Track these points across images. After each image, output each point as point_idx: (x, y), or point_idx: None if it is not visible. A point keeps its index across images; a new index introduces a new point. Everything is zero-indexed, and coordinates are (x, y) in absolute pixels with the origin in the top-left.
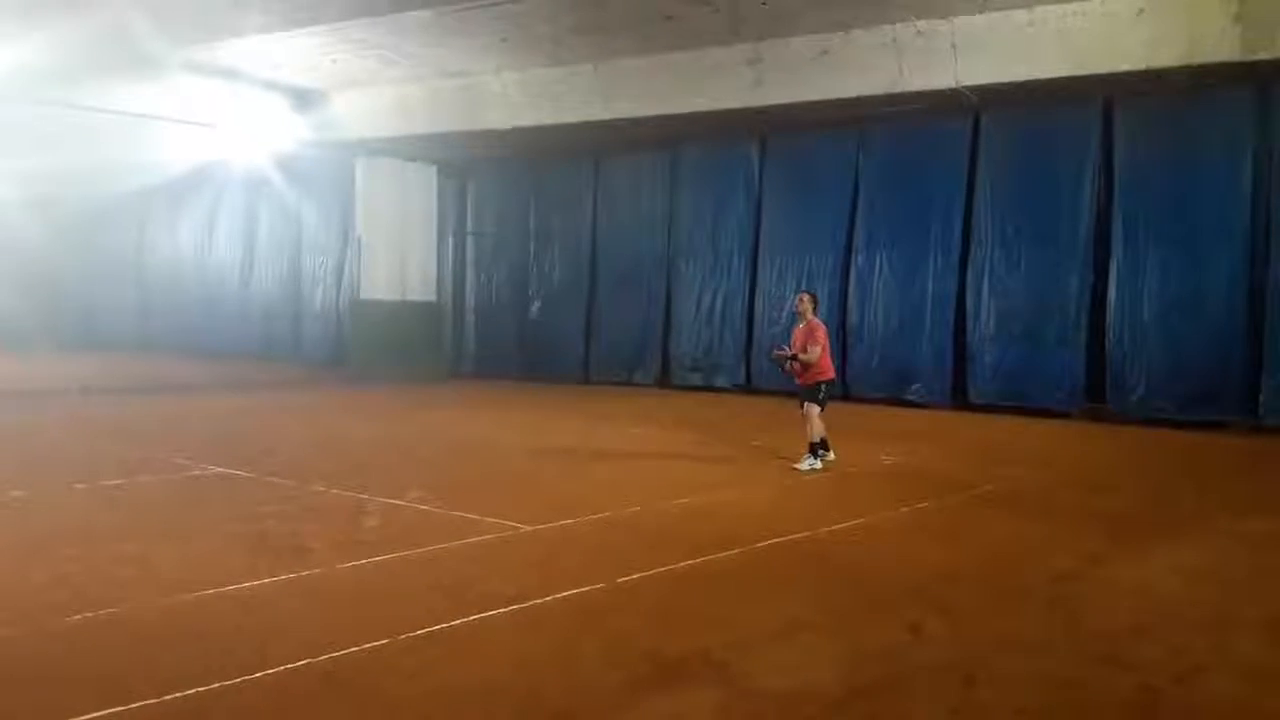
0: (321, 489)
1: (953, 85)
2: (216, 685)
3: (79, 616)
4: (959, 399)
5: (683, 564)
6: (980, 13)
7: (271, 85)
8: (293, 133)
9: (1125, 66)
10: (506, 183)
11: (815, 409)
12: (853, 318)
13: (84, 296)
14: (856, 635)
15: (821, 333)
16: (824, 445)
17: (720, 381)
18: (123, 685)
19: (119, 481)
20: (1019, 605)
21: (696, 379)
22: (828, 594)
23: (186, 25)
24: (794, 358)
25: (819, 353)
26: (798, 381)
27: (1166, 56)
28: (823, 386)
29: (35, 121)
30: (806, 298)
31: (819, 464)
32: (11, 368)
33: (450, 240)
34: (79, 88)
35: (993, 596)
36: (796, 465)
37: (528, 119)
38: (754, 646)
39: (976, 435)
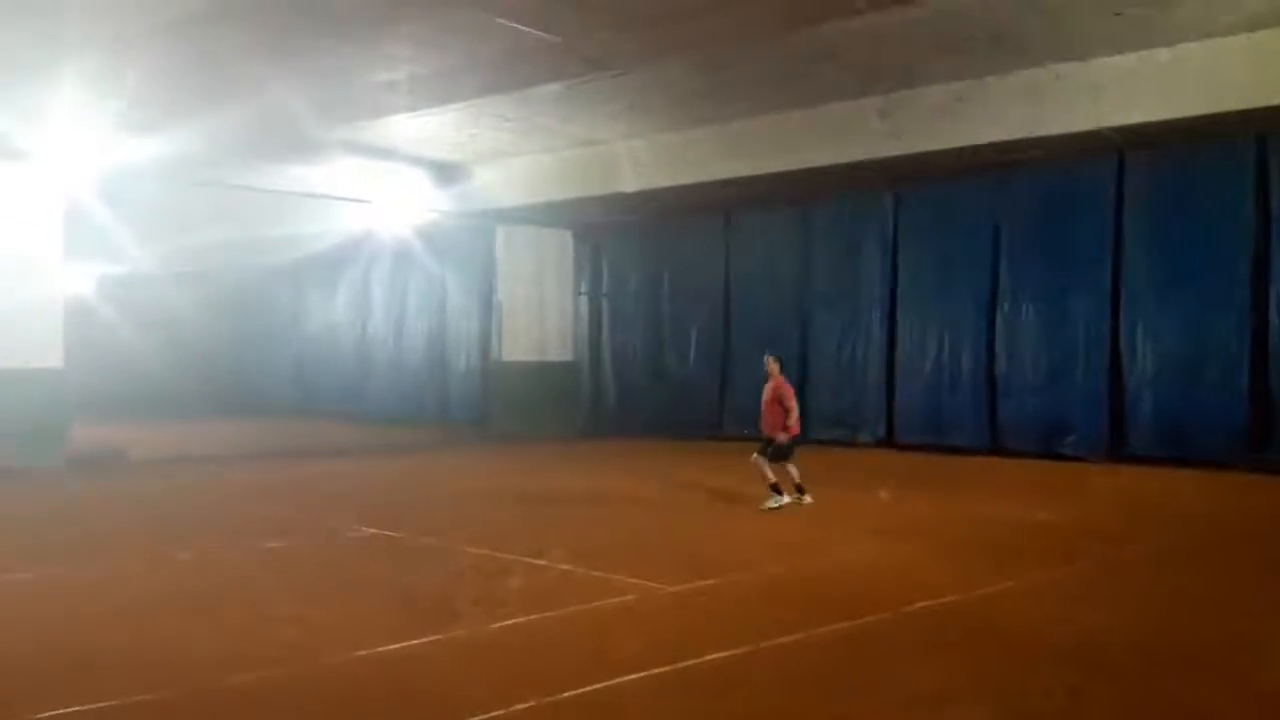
0: (467, 549)
1: (1094, 128)
2: None
3: (239, 677)
4: (1115, 450)
5: (827, 627)
6: (1120, 53)
7: (416, 160)
8: (435, 204)
9: (1276, 100)
10: (639, 243)
11: (773, 461)
12: (1000, 368)
13: (241, 365)
14: (1008, 701)
15: (789, 392)
16: (799, 489)
17: (862, 437)
18: None
19: (276, 543)
20: (1185, 670)
21: (836, 434)
22: (979, 659)
23: (340, 107)
24: (786, 429)
25: (796, 413)
26: (777, 436)
27: None
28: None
29: (192, 201)
30: (772, 360)
31: (785, 501)
32: (171, 435)
33: (586, 301)
34: (235, 168)
35: (1156, 661)
36: (770, 504)
37: (657, 181)
38: (901, 715)
39: (1134, 489)
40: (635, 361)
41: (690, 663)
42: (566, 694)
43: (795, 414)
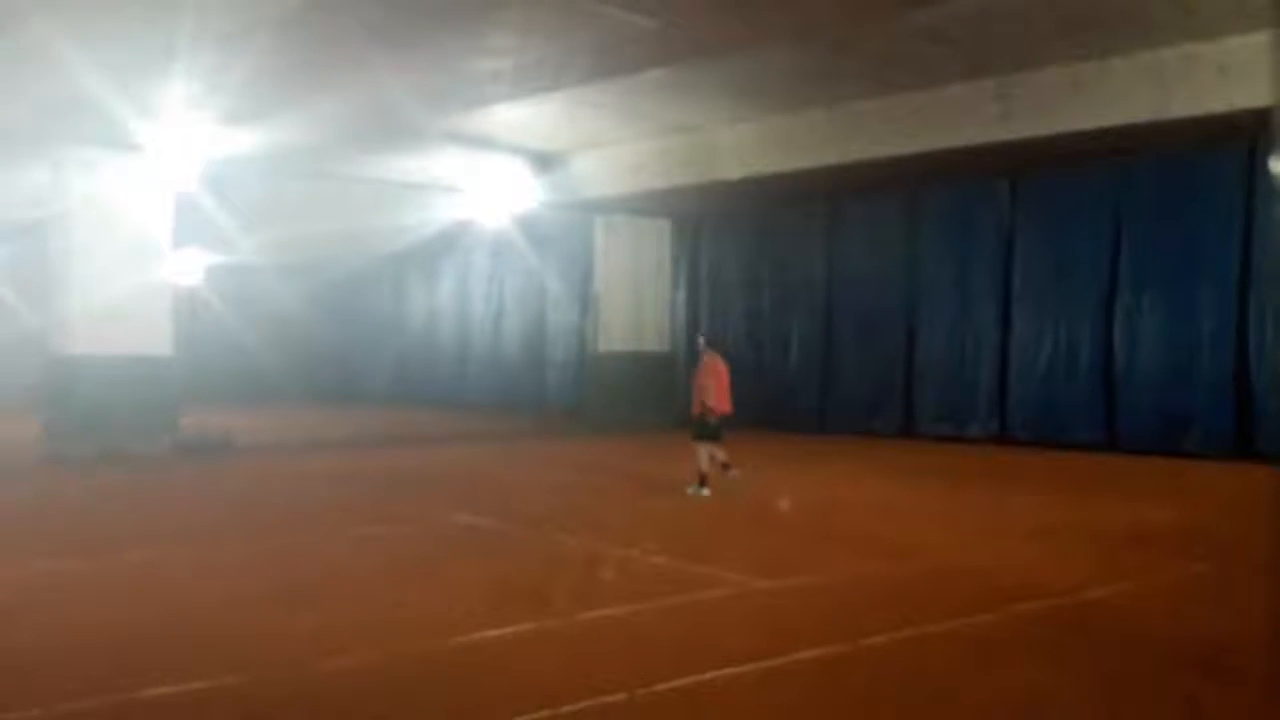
0: (560, 538)
1: (1224, 110)
2: None
3: (333, 661)
4: (1241, 448)
5: (929, 626)
6: (1253, 31)
7: (517, 150)
8: (534, 194)
9: None
10: (740, 232)
11: (706, 444)
12: (1119, 362)
13: (342, 354)
14: (1121, 705)
15: (712, 369)
16: (725, 465)
17: (972, 431)
18: None
19: (374, 530)
20: None
21: (944, 428)
22: (1091, 662)
23: (442, 97)
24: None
25: (713, 389)
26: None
27: None
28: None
29: (296, 192)
30: (700, 338)
31: (706, 492)
32: (274, 422)
33: (684, 291)
34: (338, 159)
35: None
36: (690, 490)
37: (760, 167)
38: (1003, 717)
39: (1260, 489)
40: (733, 354)
41: (787, 659)
42: (658, 687)
43: (712, 391)
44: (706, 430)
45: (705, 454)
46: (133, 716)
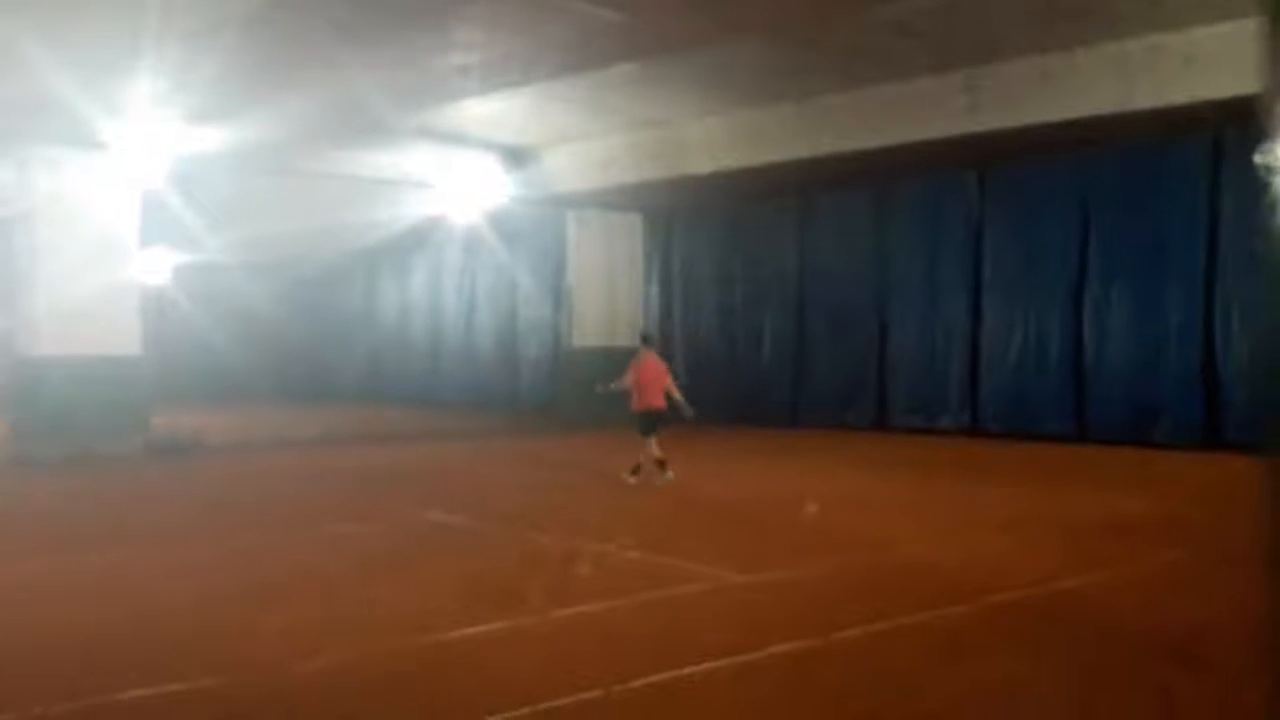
0: (534, 535)
1: (1188, 102)
2: None
3: (306, 662)
4: (1210, 438)
5: (901, 619)
6: (1219, 22)
7: (488, 145)
8: (506, 189)
9: None
10: (711, 227)
11: (645, 435)
12: (1088, 354)
13: (314, 352)
14: (1095, 696)
15: (639, 366)
16: (661, 465)
17: (943, 423)
18: None
19: (346, 528)
20: None
21: (916, 421)
22: (1064, 652)
23: (411, 92)
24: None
25: (626, 382)
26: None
27: None
28: (649, 414)
29: (265, 190)
30: (641, 335)
31: (633, 479)
32: (245, 421)
33: (656, 286)
34: (307, 156)
35: (1252, 658)
36: (658, 480)
37: (730, 161)
38: (982, 712)
39: (1229, 478)
40: (706, 349)
41: (761, 653)
42: (635, 683)
43: (623, 383)
44: (649, 423)
45: (654, 444)
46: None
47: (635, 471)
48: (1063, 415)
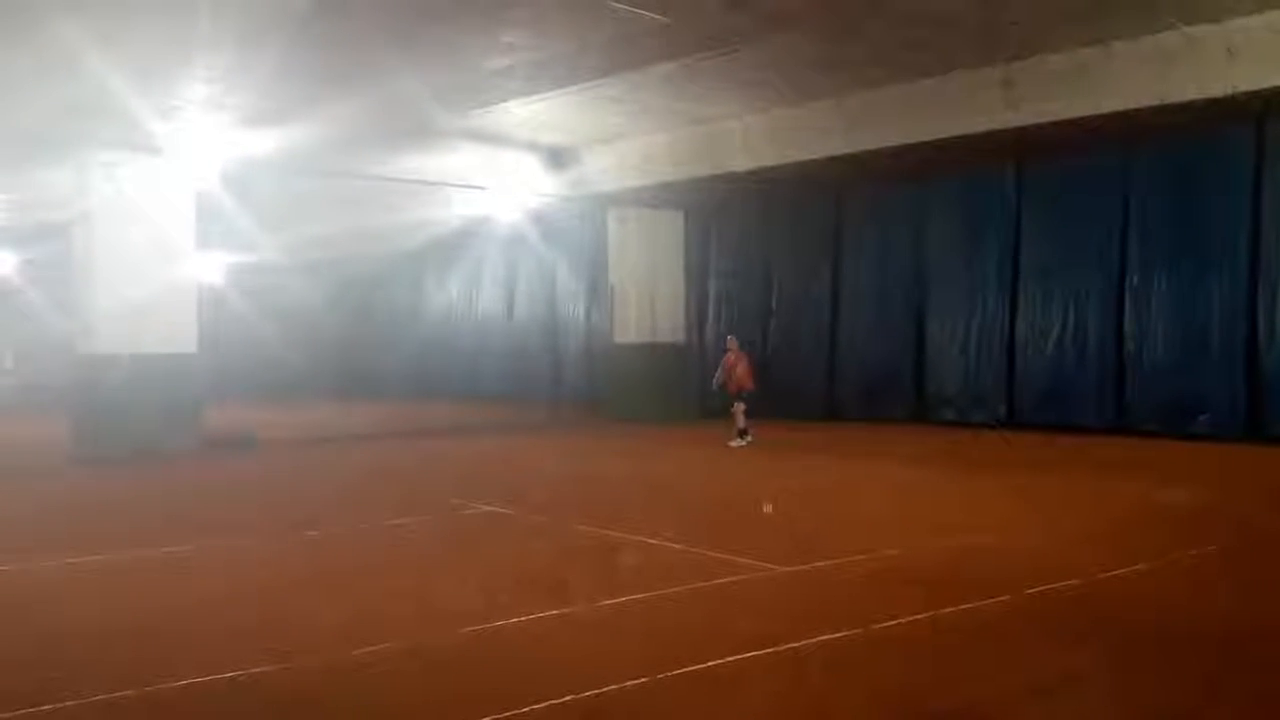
0: (580, 527)
1: (1228, 93)
2: None
3: (365, 650)
4: (1253, 430)
5: (945, 610)
6: (1258, 12)
7: (531, 146)
8: (548, 189)
9: None
10: (751, 223)
11: (742, 405)
12: (1129, 344)
13: (363, 349)
14: (1140, 687)
15: (736, 360)
16: (746, 432)
17: (980, 416)
18: (405, 718)
19: (397, 520)
20: None
21: (953, 414)
22: (1107, 644)
23: (457, 94)
24: (723, 384)
25: (739, 374)
26: (729, 390)
27: None
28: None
29: (315, 191)
30: (731, 339)
31: (745, 441)
32: (297, 418)
33: (696, 282)
34: (355, 158)
35: None
36: (731, 443)
37: (769, 158)
38: (1025, 702)
39: (1273, 470)
40: (745, 343)
41: (806, 642)
42: (678, 671)
43: (720, 376)
44: (741, 397)
45: (740, 412)
46: (169, 704)
47: (743, 434)
48: (1102, 408)
